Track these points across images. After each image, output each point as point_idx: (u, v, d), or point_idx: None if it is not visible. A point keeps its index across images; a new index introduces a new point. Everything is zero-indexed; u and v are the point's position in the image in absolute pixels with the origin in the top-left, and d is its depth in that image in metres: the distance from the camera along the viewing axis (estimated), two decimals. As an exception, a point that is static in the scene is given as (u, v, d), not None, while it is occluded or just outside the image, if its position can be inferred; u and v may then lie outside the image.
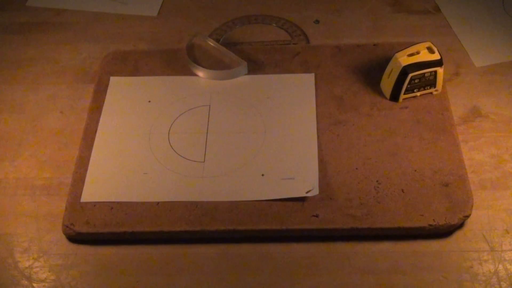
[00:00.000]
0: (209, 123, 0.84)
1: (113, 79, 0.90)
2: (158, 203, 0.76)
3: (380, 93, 0.86)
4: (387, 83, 0.85)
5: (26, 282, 0.72)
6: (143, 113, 0.86)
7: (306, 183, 0.76)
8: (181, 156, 0.81)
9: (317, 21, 0.99)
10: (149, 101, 0.87)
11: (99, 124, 0.84)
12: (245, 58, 0.90)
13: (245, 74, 0.90)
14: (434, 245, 0.73)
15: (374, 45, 0.92)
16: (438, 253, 0.72)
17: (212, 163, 0.79)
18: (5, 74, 0.94)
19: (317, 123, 0.83)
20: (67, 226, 0.74)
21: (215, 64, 0.91)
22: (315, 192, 0.75)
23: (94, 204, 0.76)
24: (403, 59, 0.82)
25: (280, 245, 0.74)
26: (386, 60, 0.85)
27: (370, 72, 0.88)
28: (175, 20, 1.01)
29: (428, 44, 0.83)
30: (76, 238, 0.75)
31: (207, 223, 0.73)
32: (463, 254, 0.72)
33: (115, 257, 0.73)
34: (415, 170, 0.77)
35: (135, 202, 0.76)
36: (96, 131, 0.83)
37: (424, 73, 0.82)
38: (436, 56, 0.82)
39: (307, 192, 0.75)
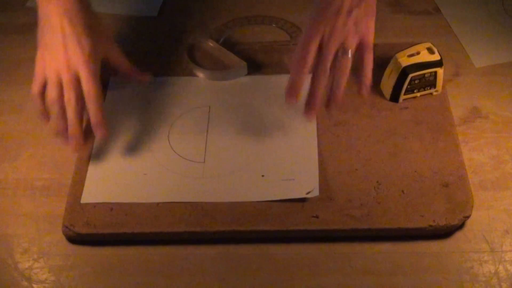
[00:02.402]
0: (209, 123, 0.84)
1: (113, 80, 0.90)
2: (158, 204, 0.75)
3: (380, 93, 0.86)
4: (387, 84, 0.85)
5: (26, 283, 0.72)
6: (143, 113, 0.86)
7: (306, 184, 0.76)
8: (181, 156, 0.81)
9: (317, 22, 0.99)
10: (149, 102, 0.87)
11: (99, 124, 0.84)
12: (245, 58, 0.90)
13: (245, 75, 0.90)
14: (434, 245, 0.73)
15: (374, 45, 0.91)
16: (438, 254, 0.72)
17: (212, 163, 0.79)
18: (5, 74, 0.94)
19: (317, 123, 0.83)
20: (67, 227, 0.74)
21: (215, 65, 0.91)
22: (315, 193, 0.75)
23: (94, 205, 0.76)
24: (403, 59, 0.82)
25: (280, 246, 0.74)
26: (386, 60, 0.85)
27: (370, 72, 0.88)
28: (175, 20, 1.01)
29: (428, 44, 0.83)
30: (76, 239, 0.75)
31: (207, 224, 0.73)
32: (463, 255, 0.72)
33: (115, 258, 0.73)
34: (415, 171, 0.77)
35: (135, 203, 0.76)
36: (96, 132, 0.83)
37: (424, 74, 0.82)
38: (436, 57, 0.82)
39: (307, 193, 0.75)
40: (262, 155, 0.80)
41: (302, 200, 0.75)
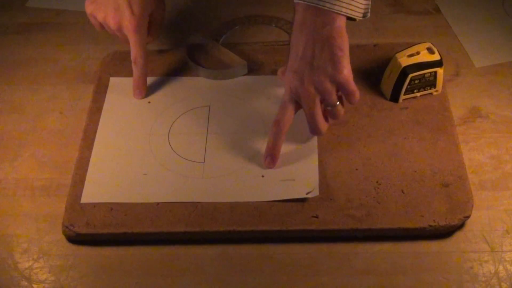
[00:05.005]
0: (209, 123, 0.84)
1: (113, 80, 0.90)
2: (158, 204, 0.75)
3: (380, 93, 0.86)
4: (387, 84, 0.85)
5: (26, 283, 0.72)
6: (143, 113, 0.86)
7: (306, 184, 0.76)
8: (181, 156, 0.81)
9: (317, 22, 0.99)
10: (149, 102, 0.87)
11: (99, 124, 0.84)
12: (245, 58, 0.90)
13: (245, 75, 0.90)
14: (434, 245, 0.73)
15: (374, 45, 0.92)
16: (438, 254, 0.72)
17: (212, 163, 0.79)
18: (5, 74, 0.94)
19: (317, 123, 0.83)
20: (66, 227, 0.74)
21: (215, 64, 0.91)
22: (315, 193, 0.75)
23: (94, 205, 0.76)
24: (403, 59, 0.82)
25: (280, 246, 0.74)
26: (386, 60, 0.85)
27: (370, 72, 0.88)
28: (175, 20, 1.01)
29: (428, 44, 0.83)
30: (76, 239, 0.75)
31: (207, 224, 0.73)
32: (463, 255, 0.72)
33: (115, 258, 0.73)
34: (415, 171, 0.77)
35: (135, 203, 0.76)
36: (96, 132, 0.83)
37: (424, 74, 0.82)
38: (436, 57, 0.82)
39: (307, 193, 0.75)
40: (262, 155, 0.79)
41: (302, 200, 0.75)
